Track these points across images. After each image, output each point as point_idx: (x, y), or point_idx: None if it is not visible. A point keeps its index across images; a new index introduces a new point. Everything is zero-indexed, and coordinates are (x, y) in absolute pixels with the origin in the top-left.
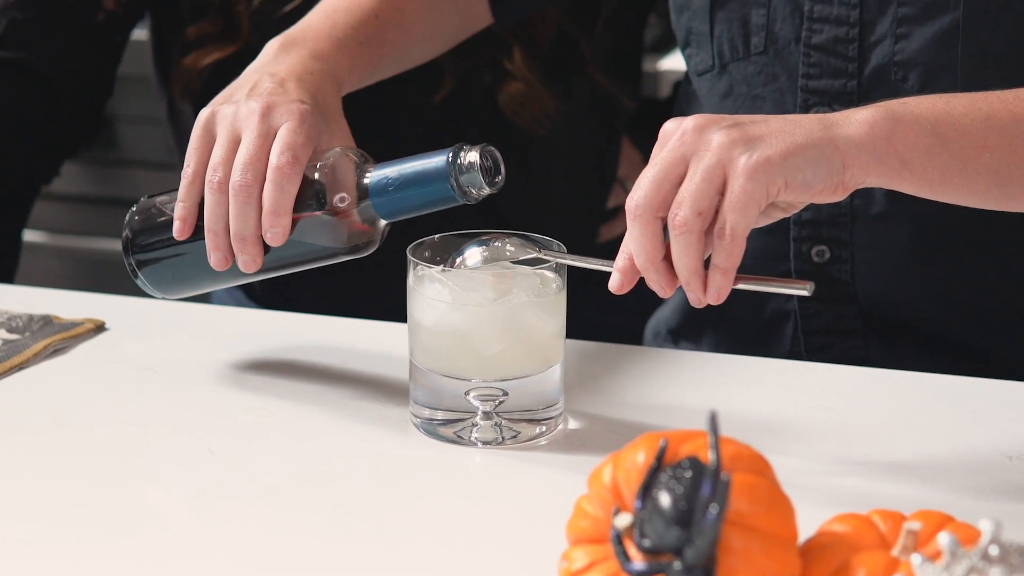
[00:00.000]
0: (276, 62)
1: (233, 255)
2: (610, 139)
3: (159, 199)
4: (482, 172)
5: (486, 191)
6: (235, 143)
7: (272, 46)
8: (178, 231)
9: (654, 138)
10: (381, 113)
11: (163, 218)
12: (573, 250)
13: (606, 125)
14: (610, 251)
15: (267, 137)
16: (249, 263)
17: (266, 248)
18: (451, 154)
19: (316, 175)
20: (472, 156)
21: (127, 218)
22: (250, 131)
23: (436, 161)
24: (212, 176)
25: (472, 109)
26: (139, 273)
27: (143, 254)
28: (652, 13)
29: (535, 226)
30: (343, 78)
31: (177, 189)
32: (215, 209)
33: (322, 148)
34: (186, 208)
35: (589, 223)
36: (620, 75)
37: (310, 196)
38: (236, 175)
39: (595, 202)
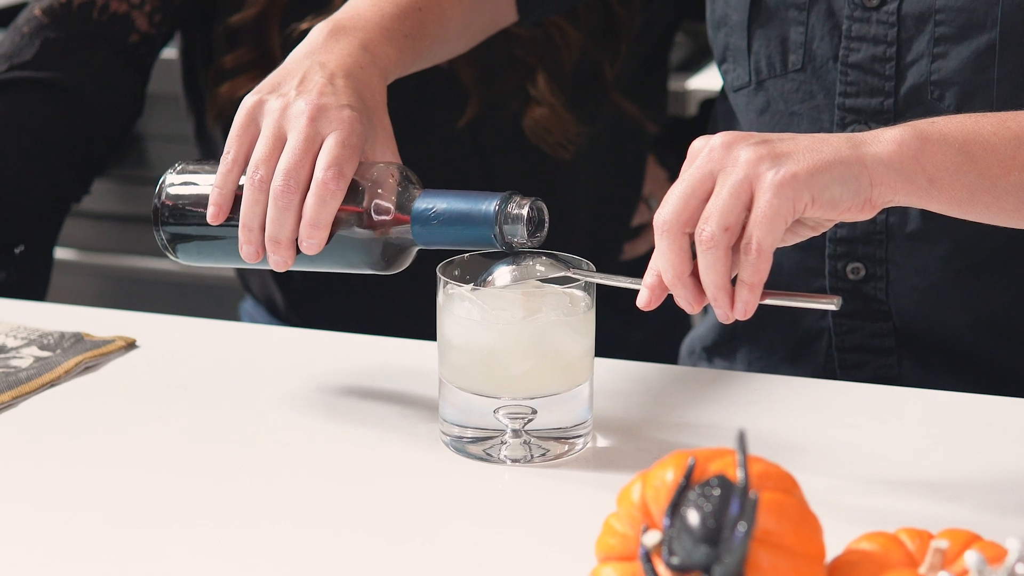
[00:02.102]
0: (326, 50)
1: (265, 249)
2: (635, 160)
3: (193, 173)
4: (527, 224)
5: (527, 244)
6: (279, 140)
7: (322, 31)
8: (212, 216)
9: (680, 157)
10: (406, 137)
11: (197, 197)
12: (597, 268)
13: (631, 147)
14: (633, 269)
15: (313, 142)
16: (280, 263)
17: (297, 249)
18: (500, 202)
19: (360, 190)
20: (521, 209)
21: (158, 187)
22: (297, 132)
23: (484, 206)
24: (253, 173)
25: (496, 133)
26: (169, 247)
27: (173, 227)
28: (680, 32)
29: (559, 245)
30: (390, 70)
31: (209, 162)
32: (252, 207)
33: (367, 156)
34: (222, 195)
35: (613, 242)
36: (645, 99)
37: (350, 212)
38: (278, 180)
39: (619, 221)
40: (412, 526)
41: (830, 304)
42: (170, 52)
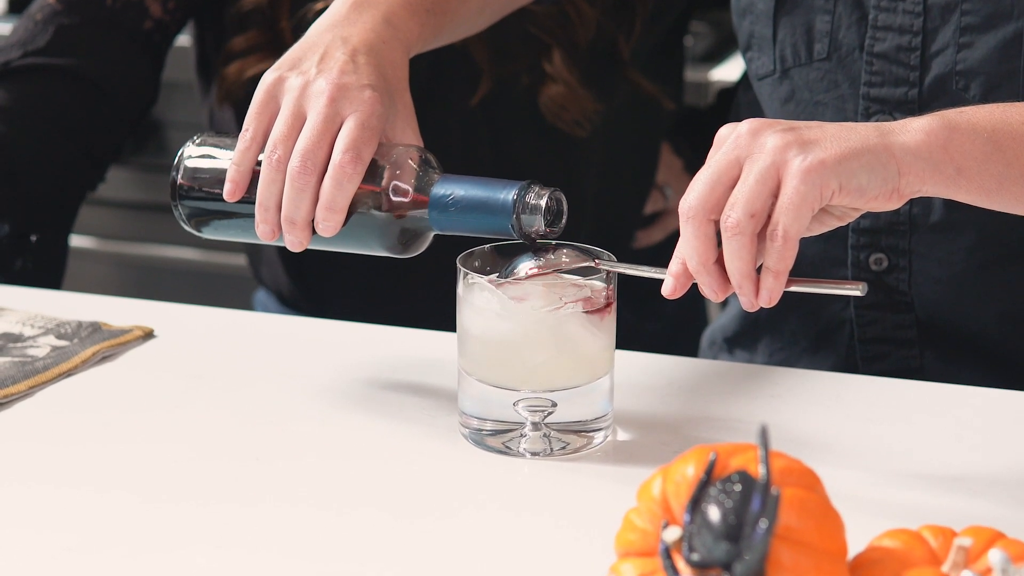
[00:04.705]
0: (349, 23)
1: (281, 229)
2: (649, 143)
3: (213, 147)
4: (545, 215)
5: (544, 235)
6: (299, 119)
7: (345, 1)
8: (228, 193)
9: (696, 145)
10: (418, 115)
11: (214, 172)
12: (608, 252)
13: (646, 128)
14: (647, 257)
15: (333, 122)
16: (295, 243)
17: (314, 229)
18: (518, 191)
19: (378, 173)
20: (539, 199)
21: (177, 159)
22: (316, 113)
23: (503, 195)
24: (271, 152)
25: (510, 111)
26: (187, 220)
27: (191, 202)
28: (702, 23)
29: (569, 225)
30: (412, 45)
31: (230, 136)
32: (269, 186)
33: (387, 136)
34: (239, 172)
35: (624, 225)
36: (662, 80)
37: (367, 194)
38: (295, 160)
39: (631, 205)
40: (430, 515)
41: (855, 290)
42: (189, 39)
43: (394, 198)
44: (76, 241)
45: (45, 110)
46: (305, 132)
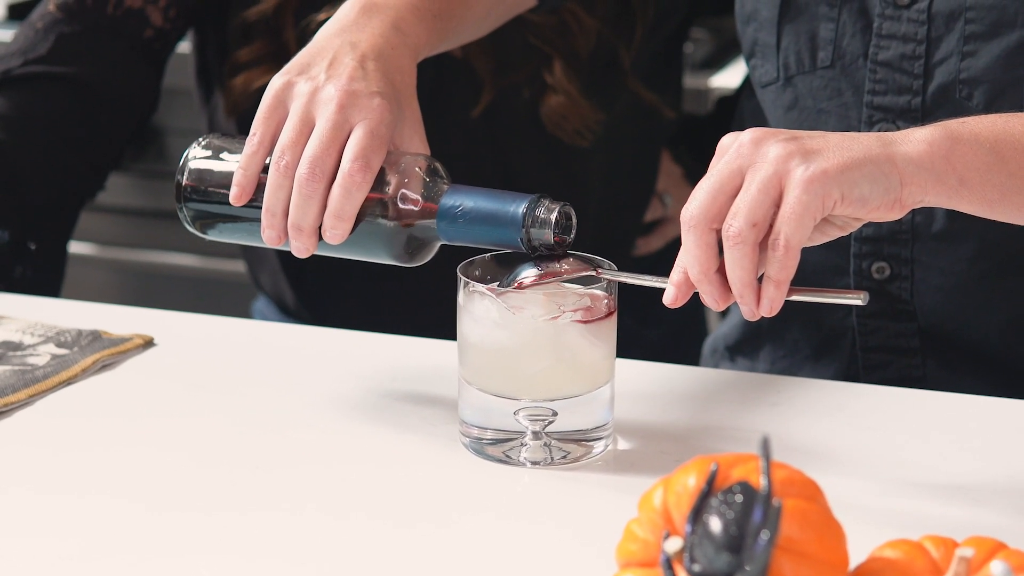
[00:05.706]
0: (357, 28)
1: (287, 235)
2: (649, 152)
3: (218, 149)
4: (555, 229)
5: (553, 249)
6: (307, 125)
7: (353, 7)
8: (235, 197)
9: (696, 154)
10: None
11: (220, 175)
12: (608, 261)
13: (647, 136)
14: (647, 265)
15: (341, 130)
16: (301, 249)
17: (320, 236)
18: (528, 204)
19: (387, 181)
20: (549, 213)
21: (182, 161)
22: (325, 119)
23: (512, 208)
24: (279, 158)
25: (511, 122)
26: (191, 223)
27: (196, 204)
28: (702, 29)
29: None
30: (420, 50)
31: (236, 138)
32: (276, 192)
33: (395, 142)
34: (246, 177)
35: (625, 234)
36: (661, 88)
37: (375, 203)
38: (303, 167)
39: (631, 214)
40: (430, 524)
41: (856, 299)
42: (188, 46)
43: (402, 207)
44: (75, 247)
45: (45, 118)
46: (314, 139)
